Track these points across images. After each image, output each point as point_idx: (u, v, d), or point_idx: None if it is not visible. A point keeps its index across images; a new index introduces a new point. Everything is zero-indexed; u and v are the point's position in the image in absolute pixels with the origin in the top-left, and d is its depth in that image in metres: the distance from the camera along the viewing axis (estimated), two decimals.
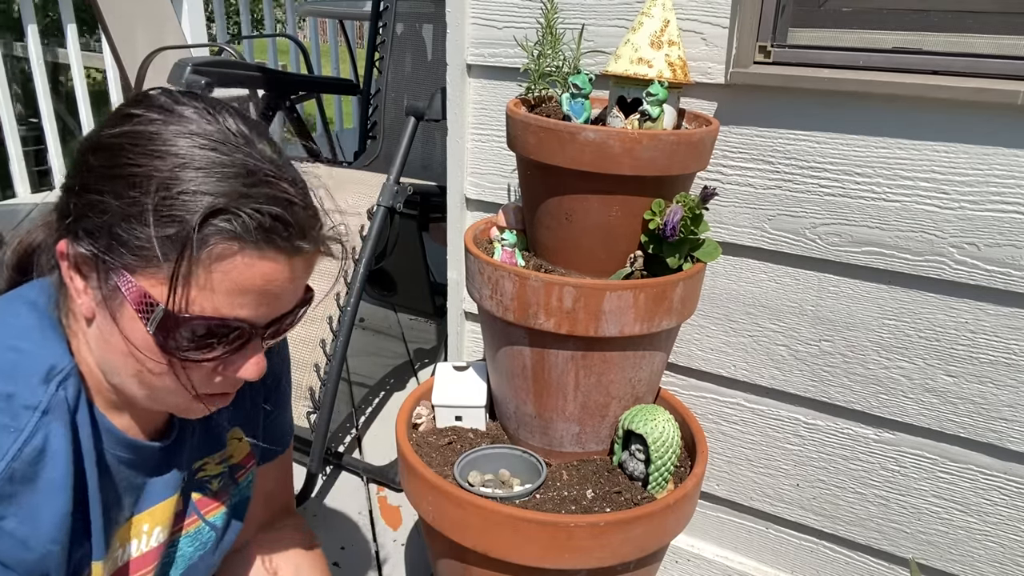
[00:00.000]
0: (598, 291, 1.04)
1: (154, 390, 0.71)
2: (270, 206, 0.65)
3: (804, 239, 1.23)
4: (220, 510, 0.91)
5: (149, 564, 0.83)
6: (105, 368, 0.72)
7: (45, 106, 2.99)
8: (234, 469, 0.93)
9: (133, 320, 0.66)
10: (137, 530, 0.81)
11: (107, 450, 0.75)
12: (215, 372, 0.71)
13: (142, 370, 0.69)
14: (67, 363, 0.70)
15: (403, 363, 2.47)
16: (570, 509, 1.12)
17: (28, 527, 0.64)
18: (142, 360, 0.68)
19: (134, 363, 0.68)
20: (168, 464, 0.82)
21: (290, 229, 0.66)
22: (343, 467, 1.92)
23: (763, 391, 1.36)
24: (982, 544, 1.25)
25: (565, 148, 1.04)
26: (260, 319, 0.69)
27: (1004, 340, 1.14)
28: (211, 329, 0.66)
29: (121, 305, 0.66)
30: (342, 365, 1.71)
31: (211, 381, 0.72)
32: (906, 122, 1.11)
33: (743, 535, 1.48)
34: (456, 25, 1.41)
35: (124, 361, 0.69)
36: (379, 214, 1.77)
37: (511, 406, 1.23)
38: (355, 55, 3.85)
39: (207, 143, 0.65)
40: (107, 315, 0.67)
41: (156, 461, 0.81)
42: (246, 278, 0.65)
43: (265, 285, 0.66)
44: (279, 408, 1.01)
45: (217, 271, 0.64)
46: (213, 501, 0.90)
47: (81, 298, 0.68)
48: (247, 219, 0.63)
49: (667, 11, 1.10)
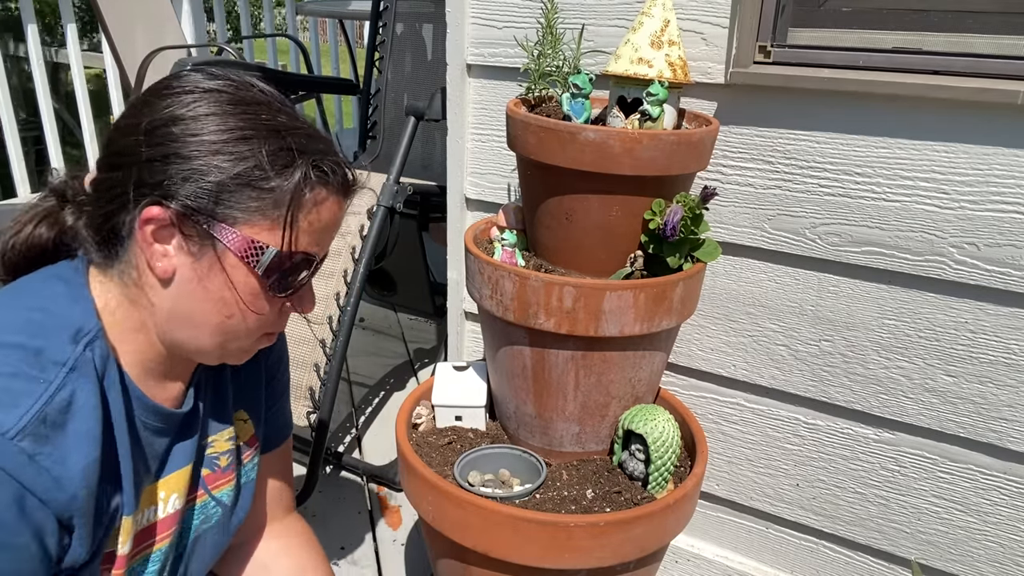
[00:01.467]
0: (598, 291, 1.04)
1: (231, 335, 0.79)
2: (334, 157, 0.78)
3: (804, 239, 1.23)
4: (227, 486, 0.94)
5: (169, 528, 0.87)
6: (177, 326, 0.77)
7: (45, 106, 2.99)
8: (241, 449, 0.97)
9: (236, 267, 0.74)
10: (157, 496, 0.85)
11: (136, 415, 0.79)
12: (284, 308, 0.82)
13: (229, 316, 0.77)
14: (94, 326, 0.74)
15: (403, 363, 2.47)
16: (570, 509, 1.12)
17: (60, 467, 0.67)
18: (234, 303, 0.76)
19: (223, 309, 0.76)
20: (185, 432, 0.87)
21: (347, 175, 0.80)
22: (343, 467, 1.92)
23: (763, 391, 1.36)
24: (982, 544, 1.25)
25: (565, 148, 1.04)
26: (322, 254, 0.81)
27: (1004, 340, 1.14)
28: (304, 263, 0.78)
29: (223, 255, 0.74)
30: (342, 365, 1.71)
31: (278, 318, 0.82)
32: (906, 122, 1.11)
33: (743, 535, 1.48)
34: (456, 25, 1.41)
35: (213, 309, 0.76)
36: (379, 214, 1.77)
37: (511, 406, 1.23)
38: (355, 55, 3.85)
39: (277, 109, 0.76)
40: (202, 268, 0.74)
41: (176, 428, 0.85)
42: (328, 217, 0.78)
43: (332, 223, 0.80)
44: (281, 395, 1.06)
45: (313, 213, 0.76)
46: (221, 477, 0.94)
47: (162, 261, 0.73)
48: (330, 170, 0.76)
49: (667, 11, 1.10)
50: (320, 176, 0.75)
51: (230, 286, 0.75)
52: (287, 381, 1.08)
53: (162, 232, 0.72)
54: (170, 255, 0.73)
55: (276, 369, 1.03)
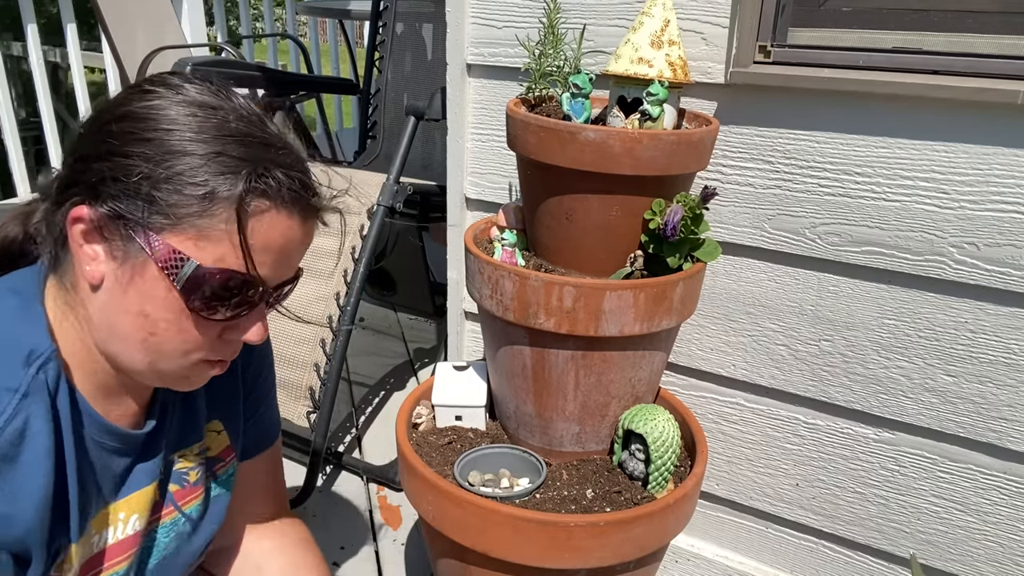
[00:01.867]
0: (598, 291, 1.04)
1: (158, 355, 0.72)
2: (293, 171, 0.71)
3: (804, 239, 1.23)
4: (196, 501, 0.92)
5: (125, 551, 0.83)
6: (106, 337, 0.72)
7: (45, 106, 2.99)
8: (212, 462, 0.93)
9: (156, 279, 0.68)
10: (114, 517, 0.81)
11: (88, 435, 0.75)
12: (223, 334, 0.74)
13: (152, 333, 0.70)
14: (47, 347, 0.71)
15: (403, 363, 2.47)
16: (570, 509, 1.12)
17: (10, 505, 0.65)
18: (155, 320, 0.70)
19: (144, 325, 0.70)
20: (146, 453, 0.83)
21: (308, 191, 0.73)
22: (343, 467, 1.92)
23: (763, 391, 1.36)
24: (982, 544, 1.25)
25: (565, 148, 1.04)
26: (272, 280, 0.73)
27: (1004, 340, 1.14)
28: (234, 284, 0.70)
29: (144, 265, 0.68)
30: (342, 365, 1.71)
31: (216, 344, 0.74)
32: (906, 122, 1.11)
33: (743, 535, 1.48)
34: (456, 25, 1.41)
35: (134, 324, 0.70)
36: (379, 214, 1.77)
37: (511, 406, 1.23)
38: (355, 55, 3.85)
39: (229, 114, 0.70)
40: (124, 277, 0.69)
41: (136, 449, 0.82)
42: (271, 236, 0.70)
43: (284, 244, 0.72)
44: (264, 403, 1.02)
45: (255, 228, 0.69)
46: (191, 492, 0.91)
47: (91, 264, 0.69)
48: (277, 181, 0.69)
49: (667, 11, 1.10)
50: (266, 187, 0.68)
51: (150, 300, 0.69)
52: (269, 390, 1.03)
53: (91, 234, 0.68)
54: (99, 259, 0.69)
55: (255, 381, 0.99)
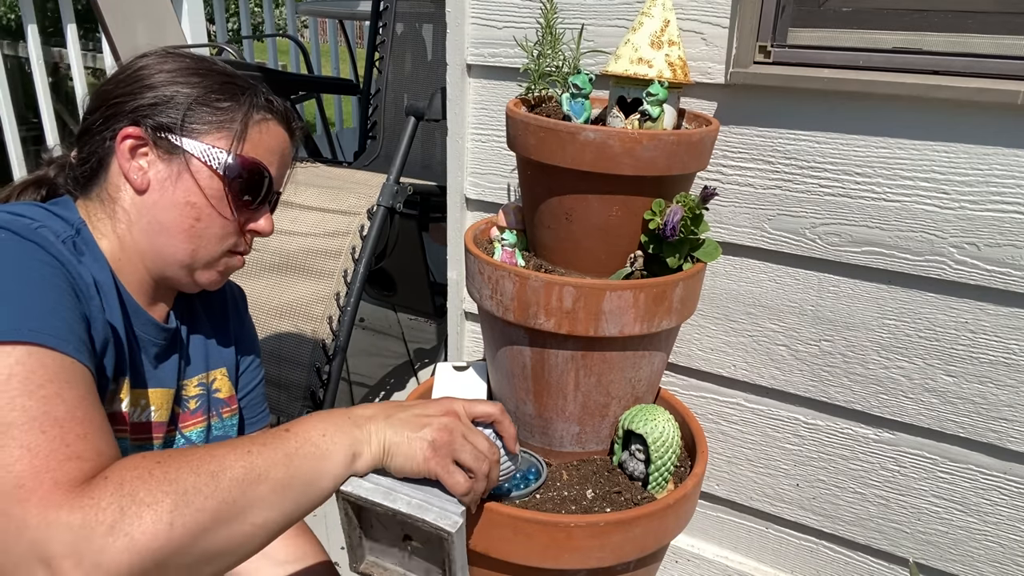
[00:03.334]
0: (598, 291, 1.04)
1: (200, 241, 0.89)
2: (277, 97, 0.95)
3: (804, 239, 1.23)
4: (197, 428, 1.01)
5: (160, 432, 0.94)
6: (153, 233, 0.87)
7: (45, 106, 2.99)
8: (220, 403, 1.05)
9: (200, 170, 0.87)
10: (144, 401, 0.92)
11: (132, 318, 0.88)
12: (243, 226, 0.93)
13: (197, 219, 0.88)
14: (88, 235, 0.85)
15: (403, 363, 2.47)
16: (570, 509, 1.12)
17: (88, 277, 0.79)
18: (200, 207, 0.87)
19: (191, 212, 0.87)
20: (170, 352, 0.96)
21: (289, 113, 0.97)
22: None
23: (763, 391, 1.36)
24: (982, 544, 1.25)
25: (565, 148, 1.04)
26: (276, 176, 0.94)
27: (1004, 340, 1.14)
28: (258, 173, 0.91)
29: (188, 161, 0.87)
30: (342, 365, 1.71)
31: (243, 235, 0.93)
32: (906, 122, 1.11)
33: (743, 535, 1.48)
34: (456, 25, 1.41)
35: (181, 213, 0.87)
36: (379, 214, 1.77)
37: (511, 406, 1.23)
38: (355, 55, 3.85)
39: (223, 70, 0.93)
40: (173, 175, 0.86)
41: (166, 341, 0.94)
42: (273, 141, 0.93)
43: (279, 148, 0.94)
44: (255, 371, 1.13)
45: (259, 132, 0.91)
46: (191, 418, 1.00)
47: (137, 174, 0.86)
48: (273, 102, 0.94)
49: (667, 11, 1.10)
50: (266, 104, 0.92)
51: (197, 189, 0.87)
52: (253, 341, 1.14)
53: (137, 147, 0.86)
54: (145, 169, 0.86)
55: (240, 330, 1.11)
